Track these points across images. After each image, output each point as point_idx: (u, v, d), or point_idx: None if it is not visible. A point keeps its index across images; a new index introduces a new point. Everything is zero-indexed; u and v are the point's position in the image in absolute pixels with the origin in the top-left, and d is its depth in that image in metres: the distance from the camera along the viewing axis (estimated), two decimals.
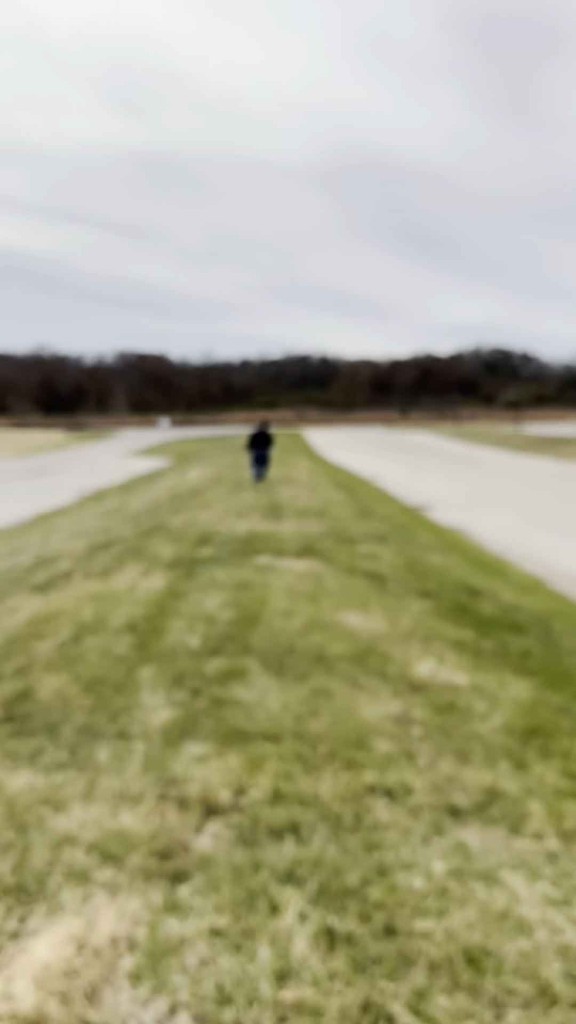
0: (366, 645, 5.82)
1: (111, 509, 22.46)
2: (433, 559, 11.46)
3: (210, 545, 10.23)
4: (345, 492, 20.02)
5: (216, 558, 9.18)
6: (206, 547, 10.11)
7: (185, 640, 5.80)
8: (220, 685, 4.84)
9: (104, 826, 3.20)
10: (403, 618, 6.86)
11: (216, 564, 8.82)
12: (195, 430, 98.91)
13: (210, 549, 9.93)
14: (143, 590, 7.62)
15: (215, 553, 9.57)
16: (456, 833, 3.28)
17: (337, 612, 6.77)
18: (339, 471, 33.83)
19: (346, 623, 6.46)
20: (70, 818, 3.27)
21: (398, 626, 6.57)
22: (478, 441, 72.62)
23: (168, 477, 30.67)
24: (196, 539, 10.78)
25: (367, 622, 6.58)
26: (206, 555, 9.44)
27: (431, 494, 29.48)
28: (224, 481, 21.55)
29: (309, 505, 15.40)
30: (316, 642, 5.78)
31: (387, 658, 5.55)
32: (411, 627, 6.57)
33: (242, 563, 8.83)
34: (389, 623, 6.64)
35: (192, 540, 10.70)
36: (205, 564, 8.85)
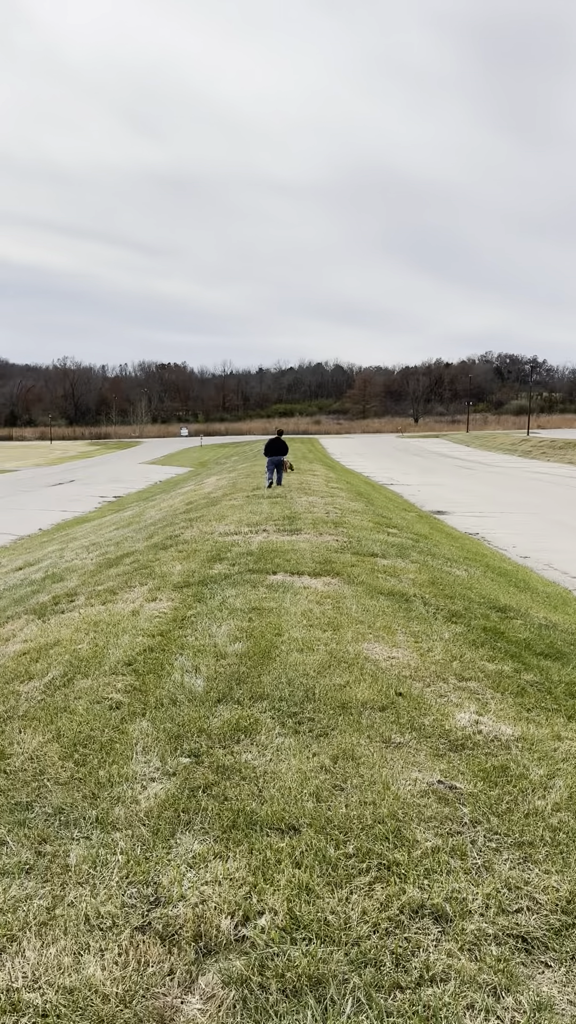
0: (395, 685, 4.88)
1: (128, 519, 21.63)
2: (456, 572, 10.49)
3: (223, 561, 9.33)
4: (362, 500, 19.05)
5: (228, 576, 8.27)
6: (219, 563, 9.20)
7: (188, 682, 4.88)
8: (225, 746, 3.92)
9: (60, 981, 2.28)
10: (434, 647, 5.91)
11: (228, 584, 7.91)
12: (214, 439, 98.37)
13: (223, 566, 9.01)
14: (147, 616, 6.72)
15: (227, 571, 8.66)
16: (533, 982, 2.34)
17: (360, 642, 5.83)
18: (354, 478, 32.87)
19: (371, 656, 5.52)
20: (16, 964, 2.36)
21: (429, 658, 5.62)
22: (489, 447, 71.33)
23: (186, 486, 29.84)
24: (209, 554, 9.87)
25: (394, 654, 5.63)
26: (218, 573, 8.53)
27: (447, 500, 28.43)
28: (240, 489, 20.66)
29: (326, 515, 14.47)
30: (338, 683, 4.84)
31: (421, 704, 4.60)
32: (443, 659, 5.63)
33: (256, 583, 7.91)
34: (419, 655, 5.69)
35: (204, 555, 9.80)
36: (216, 584, 7.94)
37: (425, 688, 4.94)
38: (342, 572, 8.58)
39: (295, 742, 3.96)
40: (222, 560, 9.40)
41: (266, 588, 7.65)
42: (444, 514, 23.73)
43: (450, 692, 4.91)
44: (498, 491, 33.08)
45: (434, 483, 36.47)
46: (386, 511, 18.30)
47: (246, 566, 8.84)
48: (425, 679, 5.12)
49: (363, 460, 51.62)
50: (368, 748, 3.91)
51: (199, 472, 45.14)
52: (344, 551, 10.34)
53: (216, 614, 6.64)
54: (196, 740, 3.98)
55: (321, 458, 46.25)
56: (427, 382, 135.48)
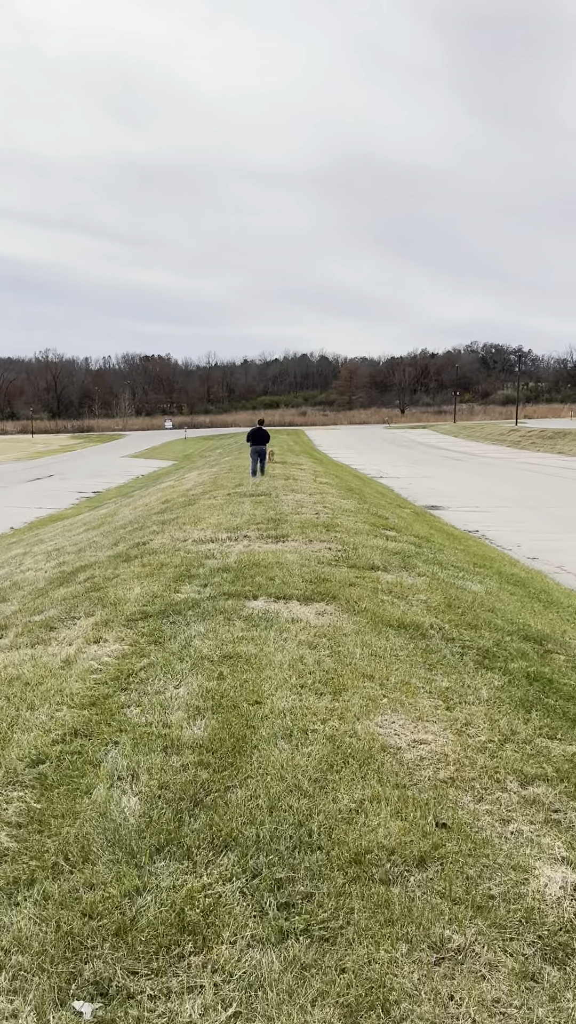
0: (434, 806, 3.17)
1: (100, 518, 19.82)
2: (471, 587, 8.80)
3: (193, 580, 7.57)
4: (353, 497, 17.34)
5: (197, 604, 6.52)
6: (187, 583, 7.45)
7: (117, 807, 3.13)
8: (159, 974, 2.19)
9: None
10: (473, 719, 4.21)
11: (196, 615, 6.16)
12: (199, 431, 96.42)
13: (192, 587, 7.26)
14: (83, 669, 4.97)
15: (197, 595, 6.91)
16: None
17: (372, 715, 4.12)
18: (343, 471, 31.17)
19: (390, 742, 3.81)
20: None
21: (471, 740, 3.92)
22: (478, 437, 69.80)
23: (165, 481, 28.01)
24: (177, 570, 8.12)
25: (422, 735, 3.93)
26: (185, 599, 6.78)
27: (440, 493, 26.78)
28: (221, 486, 18.88)
29: (315, 516, 12.74)
30: (347, 807, 3.12)
31: (478, 848, 2.89)
32: (491, 740, 3.93)
33: (232, 613, 6.17)
34: (455, 733, 3.99)
35: (172, 572, 8.05)
36: (181, 615, 6.19)
37: (477, 805, 3.24)
38: (339, 595, 6.86)
39: (279, 961, 2.23)
40: (192, 578, 7.65)
41: (244, 622, 5.91)
42: (439, 509, 22.08)
43: (515, 812, 3.20)
44: (492, 483, 31.52)
45: (425, 475, 34.86)
46: (380, 509, 16.60)
47: (220, 588, 7.10)
48: (474, 786, 3.42)
49: (350, 452, 49.95)
50: (408, 972, 2.19)
51: (182, 466, 43.29)
52: (339, 563, 8.62)
53: (175, 666, 4.90)
54: (108, 961, 2.24)
55: (308, 450, 44.51)
56: (413, 372, 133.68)
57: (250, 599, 6.68)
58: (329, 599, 6.71)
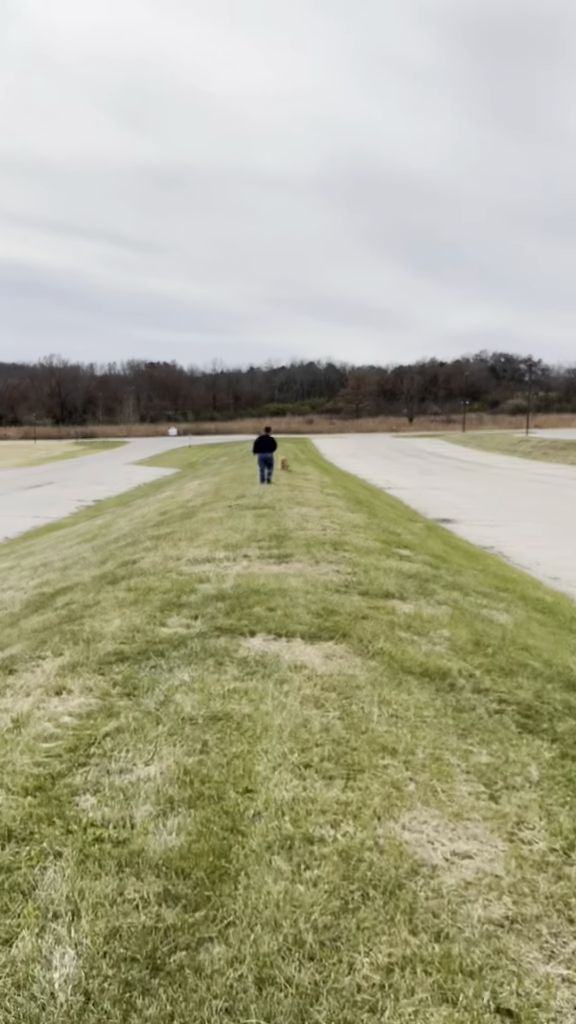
0: (492, 983, 2.25)
1: (95, 530, 18.92)
2: (498, 617, 7.87)
3: (182, 610, 6.66)
4: (362, 510, 16.41)
5: (184, 642, 5.60)
6: (176, 613, 6.53)
7: (41, 982, 2.21)
8: None
9: None
10: (527, 816, 3.28)
11: (182, 657, 5.24)
12: (203, 438, 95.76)
13: (180, 619, 6.34)
14: (34, 736, 4.04)
15: (185, 629, 5.99)
16: None
17: (397, 815, 3.19)
18: (351, 482, 30.26)
19: (422, 857, 2.88)
20: None
21: (526, 855, 2.99)
22: (487, 447, 68.78)
23: (165, 491, 27.12)
24: (165, 597, 7.20)
25: (462, 847, 2.99)
26: (171, 635, 5.86)
27: (452, 506, 25.84)
28: (223, 497, 17.98)
29: (322, 532, 11.82)
30: (367, 985, 2.19)
31: None
32: (552, 853, 3.00)
33: (224, 655, 5.25)
34: (507, 844, 3.05)
35: (159, 599, 7.13)
36: (164, 657, 5.27)
37: (548, 967, 2.30)
38: (350, 631, 5.93)
39: None
40: (182, 608, 6.73)
41: (238, 667, 4.99)
42: (451, 522, 21.15)
43: None
44: (505, 495, 30.56)
45: (435, 487, 33.93)
46: (391, 523, 15.67)
47: (213, 620, 6.18)
48: (539, 931, 2.48)
49: (358, 461, 49.05)
50: None
51: (185, 474, 42.43)
52: (349, 590, 7.69)
53: (149, 731, 3.97)
54: None
55: (314, 459, 43.63)
56: (421, 381, 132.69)
57: (247, 636, 5.75)
58: (338, 637, 5.79)
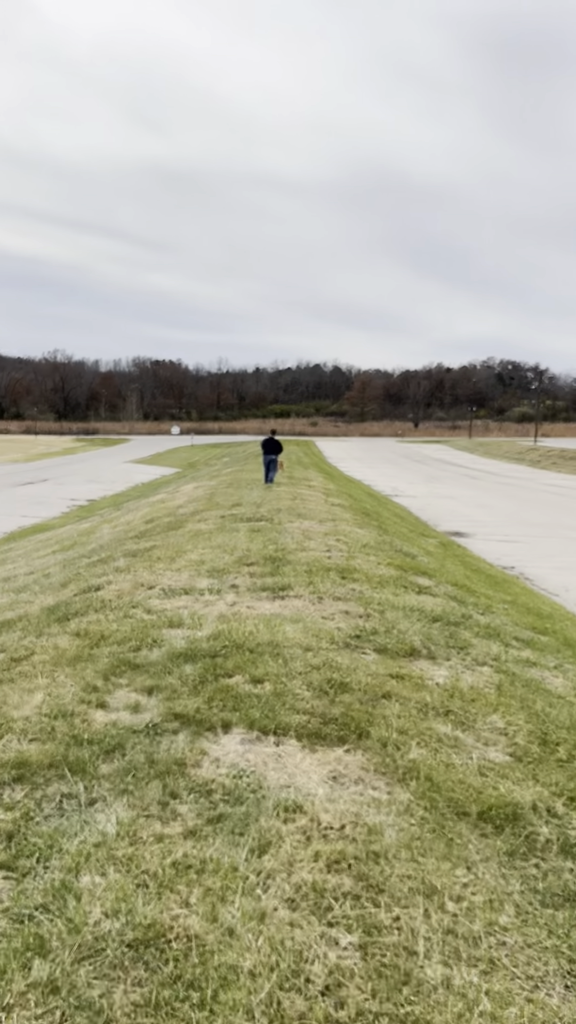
0: None
1: (78, 535, 17.08)
2: (552, 681, 6.00)
3: (135, 677, 4.82)
4: (371, 524, 14.55)
5: (122, 747, 3.75)
6: (124, 685, 4.69)
7: None
8: None
9: None
10: None
11: (112, 777, 3.41)
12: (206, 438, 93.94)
13: (127, 696, 4.50)
14: None
15: (129, 719, 4.14)
16: None
17: None
18: (356, 489, 28.39)
19: None
20: None
21: None
22: (495, 455, 66.87)
23: (158, 493, 25.26)
24: (119, 650, 5.37)
25: None
26: (107, 726, 4.01)
27: (463, 517, 23.97)
28: (217, 505, 16.14)
29: (327, 554, 9.97)
30: None
31: None
32: None
33: (177, 779, 3.40)
34: None
35: (111, 654, 5.30)
36: (84, 777, 3.43)
37: None
38: (368, 726, 4.09)
39: None
40: (136, 671, 4.90)
41: (196, 807, 3.15)
42: (465, 536, 19.30)
43: None
44: (518, 507, 28.65)
45: (444, 495, 32.07)
46: (403, 540, 13.83)
47: (173, 700, 4.34)
48: None
49: (363, 466, 47.19)
50: None
51: (184, 474, 40.60)
52: (362, 643, 5.85)
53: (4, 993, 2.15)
54: None
55: (317, 463, 41.77)
56: (428, 386, 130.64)
57: (217, 733, 3.91)
58: (351, 737, 3.94)
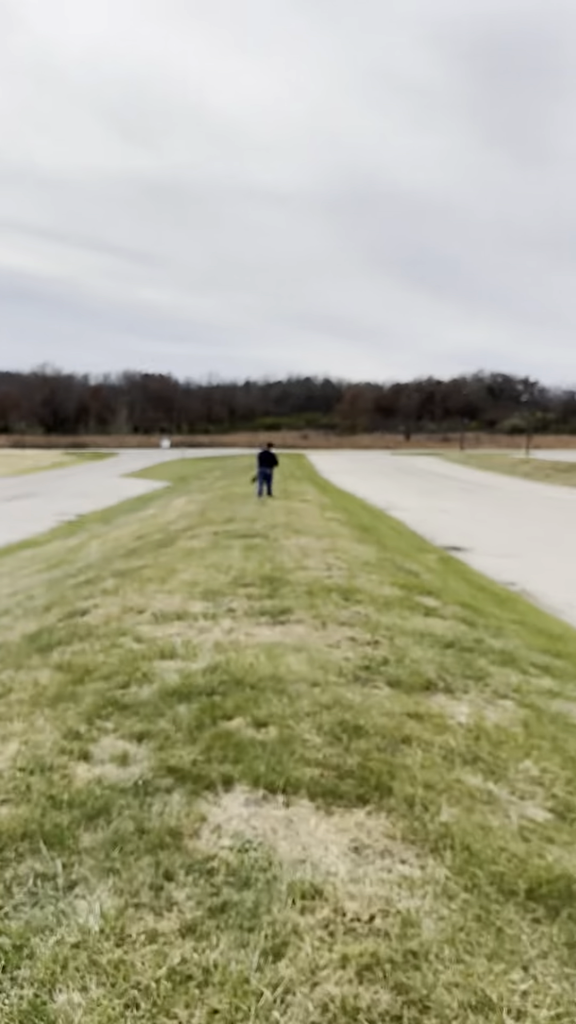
0: None
1: (66, 552, 16.50)
2: None
3: (124, 720, 4.28)
4: (370, 541, 14.05)
5: (107, 810, 3.22)
6: (110, 731, 4.15)
7: None
8: None
9: None
10: None
11: (95, 851, 2.87)
12: (197, 451, 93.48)
13: (114, 744, 3.96)
14: None
15: (116, 773, 3.59)
16: None
17: None
18: (351, 503, 27.91)
19: None
20: None
21: None
22: (487, 467, 66.60)
23: (148, 508, 24.72)
24: (106, 686, 4.82)
25: None
26: (90, 783, 3.46)
27: (459, 531, 23.48)
28: (210, 520, 15.61)
29: (327, 572, 9.45)
30: None
31: None
32: None
33: (172, 854, 2.87)
34: None
35: (96, 692, 4.75)
36: (62, 852, 2.89)
37: None
38: (390, 780, 3.56)
39: None
40: (125, 712, 4.36)
41: (195, 892, 2.62)
42: (463, 551, 18.81)
43: None
44: (514, 520, 28.23)
45: (438, 508, 31.59)
46: (403, 556, 13.33)
47: (167, 749, 3.80)
48: None
49: (355, 479, 46.76)
50: None
51: (175, 488, 40.02)
52: (372, 675, 5.33)
53: None
54: None
55: (310, 476, 41.32)
56: (419, 399, 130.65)
57: (218, 791, 3.38)
58: (373, 795, 3.41)
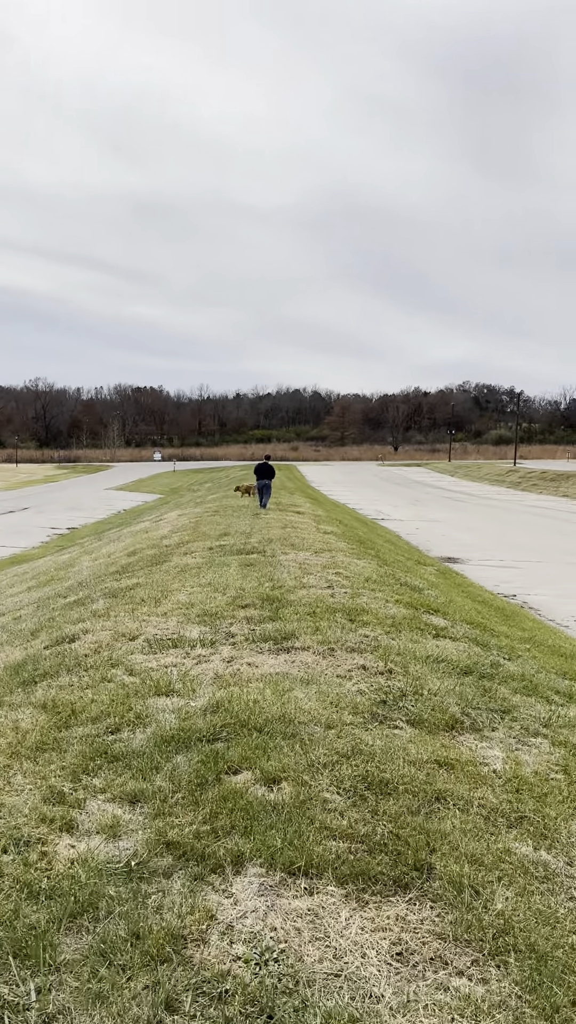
0: None
1: (56, 569, 15.88)
2: None
3: (115, 775, 3.70)
4: (369, 555, 13.50)
5: (94, 905, 2.66)
6: (100, 790, 3.56)
7: None
8: None
9: None
10: None
11: (78, 969, 2.32)
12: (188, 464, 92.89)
13: (103, 809, 3.38)
14: None
15: (105, 850, 3.02)
16: None
17: None
18: (344, 514, 27.39)
19: None
20: None
21: None
22: (475, 477, 66.31)
23: (140, 521, 24.08)
24: (95, 731, 4.26)
25: None
26: (74, 864, 2.90)
27: (453, 541, 23.00)
28: (204, 535, 15.03)
29: (329, 591, 8.89)
30: None
31: None
32: None
33: (180, 945, 2.32)
34: None
35: (83, 738, 4.18)
36: (37, 971, 2.33)
37: None
38: (429, 853, 3.01)
39: None
40: (116, 765, 3.79)
41: None
42: (459, 563, 18.31)
43: None
44: (507, 530, 27.75)
45: (430, 519, 31.12)
46: (403, 570, 12.79)
47: (164, 816, 3.23)
48: None
49: (346, 490, 46.29)
50: None
51: (167, 500, 39.40)
52: (391, 712, 4.77)
53: None
54: None
55: (302, 488, 40.80)
56: (406, 410, 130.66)
57: (227, 873, 2.81)
58: (412, 878, 2.84)
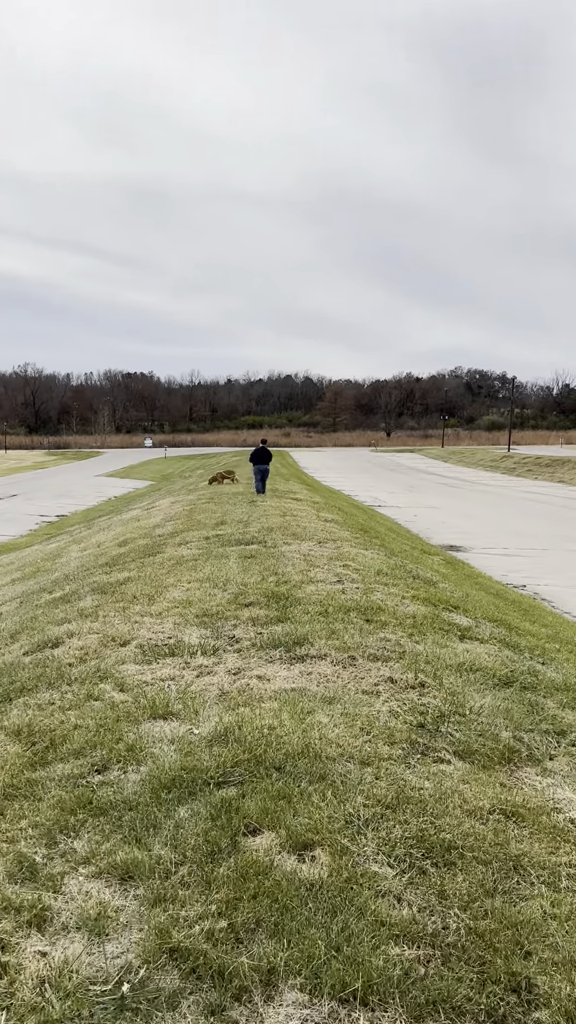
0: None
1: (42, 559, 14.98)
2: None
3: (103, 829, 2.85)
4: (376, 544, 12.65)
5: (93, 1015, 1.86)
6: (87, 840, 2.73)
7: None
8: None
9: None
10: None
11: None
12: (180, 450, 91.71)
13: (85, 889, 2.54)
14: None
15: (95, 957, 2.22)
16: None
17: None
18: (342, 501, 26.53)
19: None
20: None
21: None
22: (469, 463, 65.56)
23: (132, 509, 23.15)
24: (76, 771, 3.43)
25: None
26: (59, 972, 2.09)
27: (453, 528, 22.20)
28: (199, 524, 14.14)
29: (339, 587, 8.05)
30: None
31: None
32: None
33: None
34: None
35: (63, 778, 3.35)
36: None
37: None
38: (522, 962, 2.21)
39: None
40: (101, 818, 2.95)
41: None
42: (462, 551, 17.53)
43: None
44: (506, 516, 26.99)
45: (427, 505, 30.32)
46: (412, 560, 11.97)
47: (163, 900, 2.43)
48: None
49: (340, 476, 45.42)
50: None
51: (159, 487, 38.42)
52: (434, 739, 3.96)
53: None
54: None
55: (296, 474, 39.93)
56: (398, 396, 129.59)
57: (255, 1001, 2.00)
58: (509, 1004, 2.06)
